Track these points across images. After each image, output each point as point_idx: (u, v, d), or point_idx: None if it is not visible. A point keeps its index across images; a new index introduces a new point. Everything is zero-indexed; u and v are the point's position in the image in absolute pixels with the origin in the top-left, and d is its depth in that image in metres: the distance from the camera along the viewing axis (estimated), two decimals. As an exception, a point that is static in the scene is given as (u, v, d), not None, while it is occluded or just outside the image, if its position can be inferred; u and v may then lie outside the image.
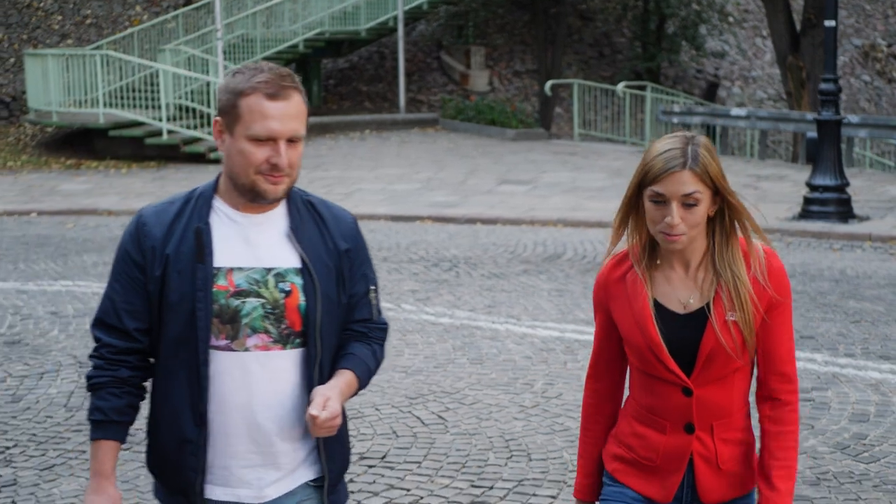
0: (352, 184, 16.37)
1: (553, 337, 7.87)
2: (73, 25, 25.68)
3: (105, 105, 19.58)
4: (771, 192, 14.99)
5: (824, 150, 12.89)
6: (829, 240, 12.04)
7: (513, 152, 19.61)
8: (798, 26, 20.57)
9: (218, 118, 2.82)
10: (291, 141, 2.77)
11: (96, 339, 2.88)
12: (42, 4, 25.91)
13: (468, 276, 10.04)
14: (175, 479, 2.86)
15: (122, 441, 2.87)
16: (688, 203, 2.79)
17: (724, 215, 2.86)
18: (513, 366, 7.20)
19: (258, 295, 2.78)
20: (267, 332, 2.78)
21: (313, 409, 2.67)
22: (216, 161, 18.84)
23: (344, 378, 2.82)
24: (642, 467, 2.97)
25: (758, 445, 2.97)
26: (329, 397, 2.72)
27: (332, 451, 2.88)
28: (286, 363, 2.79)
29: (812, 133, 14.91)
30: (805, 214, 12.87)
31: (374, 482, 5.38)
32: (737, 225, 2.88)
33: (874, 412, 6.30)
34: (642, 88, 22.37)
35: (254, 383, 2.78)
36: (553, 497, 5.16)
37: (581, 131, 22.54)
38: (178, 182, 17.08)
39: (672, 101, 21.58)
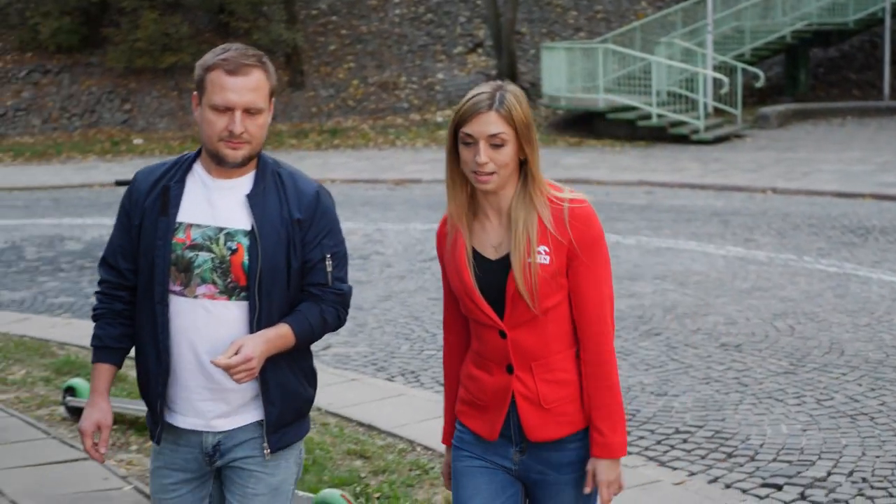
0: (813, 164, 18.17)
1: (914, 284, 9.74)
2: (585, 20, 29.07)
3: (605, 91, 22.54)
4: None
5: None
6: None
7: (984, 138, 20.37)
8: None
9: (195, 91, 3.19)
10: (250, 112, 3.10)
11: (100, 275, 3.35)
12: (560, 1, 29.52)
13: (874, 241, 11.87)
14: (146, 400, 3.32)
15: (117, 365, 3.32)
16: (494, 143, 3.00)
17: (527, 164, 3.07)
18: (866, 300, 9.19)
19: (209, 250, 3.15)
20: (214, 283, 3.15)
21: (218, 357, 3.04)
22: (698, 142, 21.25)
23: (277, 330, 3.15)
24: (477, 407, 3.21)
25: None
26: (243, 344, 3.06)
27: (272, 395, 3.21)
28: (231, 313, 3.15)
29: None
30: None
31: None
32: (539, 174, 3.06)
33: None
34: None
35: (202, 326, 3.16)
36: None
37: None
38: (660, 159, 19.72)
39: None
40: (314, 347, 8.20)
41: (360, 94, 26.87)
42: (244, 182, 3.19)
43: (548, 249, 3.04)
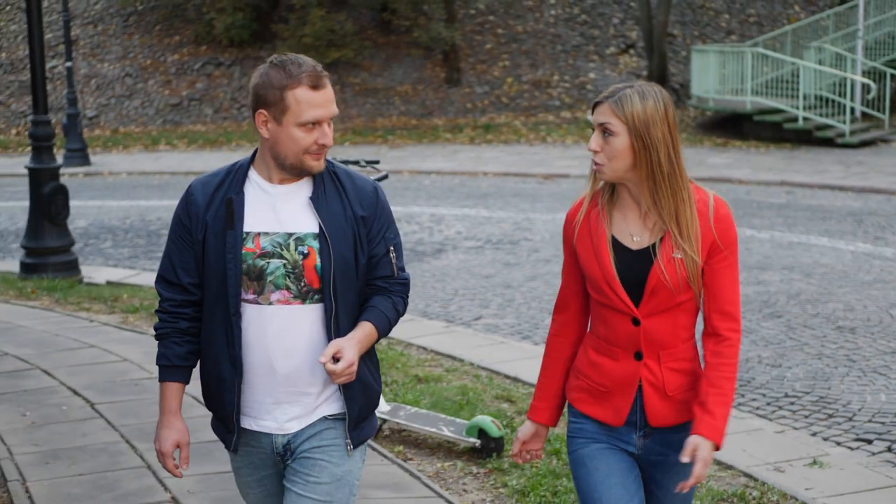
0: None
1: None
2: (737, 23, 29.53)
3: (752, 94, 23.06)
4: None
5: None
6: None
7: None
8: None
9: (262, 111, 3.15)
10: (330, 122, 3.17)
11: (159, 294, 3.33)
12: (713, 5, 30.04)
13: None
14: (218, 410, 3.33)
15: (186, 382, 3.33)
16: (605, 133, 3.17)
17: (664, 163, 3.15)
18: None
19: (280, 256, 3.17)
20: (288, 288, 3.17)
21: (321, 357, 3.08)
22: (843, 146, 21.63)
23: (363, 329, 3.19)
24: (597, 394, 3.30)
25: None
26: (342, 347, 3.10)
27: (352, 392, 3.25)
28: (306, 316, 3.18)
29: None
30: None
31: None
32: (683, 172, 3.17)
33: None
34: None
35: (277, 332, 3.18)
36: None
37: None
38: (804, 161, 20.20)
39: None
40: (466, 317, 9.29)
41: (513, 91, 27.86)
42: (303, 186, 3.23)
43: (693, 246, 3.17)
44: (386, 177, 6.27)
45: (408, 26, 28.26)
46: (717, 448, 3.16)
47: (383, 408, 6.23)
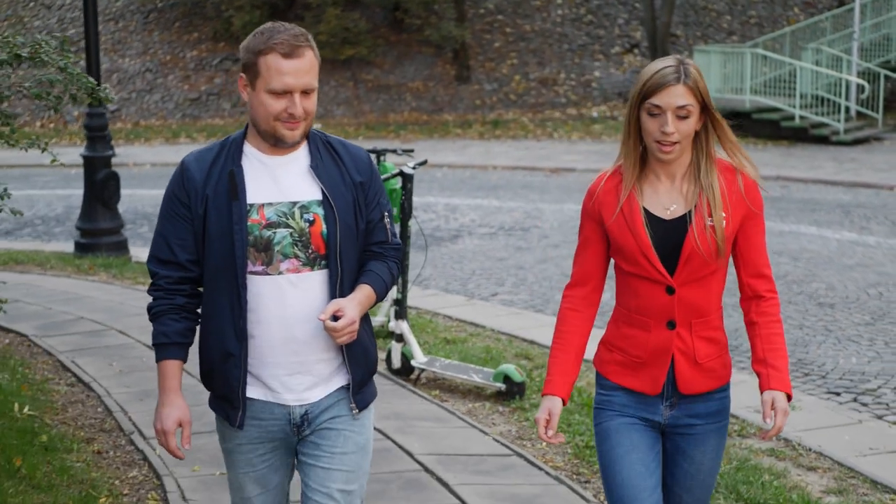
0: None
1: None
2: (738, 24, 30.52)
3: (752, 93, 24.05)
4: None
5: None
6: None
7: None
8: None
9: (242, 74, 3.16)
10: (305, 92, 3.13)
11: (153, 274, 3.27)
12: (715, 6, 31.03)
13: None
14: (220, 387, 3.28)
15: (184, 360, 3.27)
16: (680, 115, 3.14)
17: (707, 132, 3.22)
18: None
19: (286, 225, 3.17)
20: (297, 256, 3.17)
21: (321, 315, 3.09)
22: (838, 143, 22.60)
23: (363, 291, 3.22)
24: (632, 365, 3.34)
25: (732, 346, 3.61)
26: (342, 306, 3.12)
27: (356, 357, 3.28)
28: (315, 282, 3.19)
29: None
30: None
31: (818, 313, 9.52)
32: (713, 141, 3.21)
33: None
34: None
35: (289, 300, 3.18)
36: None
37: None
38: (800, 158, 21.17)
39: None
40: (484, 293, 10.43)
41: (521, 88, 28.85)
42: (300, 155, 3.26)
43: (725, 215, 3.25)
44: (425, 162, 7.27)
45: (419, 25, 29.23)
46: (789, 398, 3.30)
47: (421, 359, 7.26)
